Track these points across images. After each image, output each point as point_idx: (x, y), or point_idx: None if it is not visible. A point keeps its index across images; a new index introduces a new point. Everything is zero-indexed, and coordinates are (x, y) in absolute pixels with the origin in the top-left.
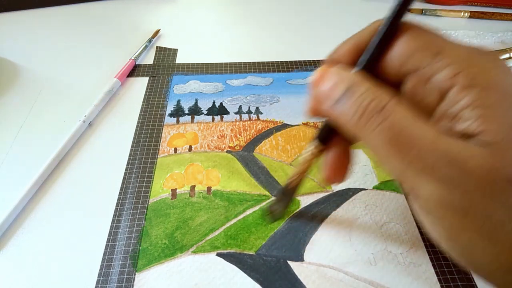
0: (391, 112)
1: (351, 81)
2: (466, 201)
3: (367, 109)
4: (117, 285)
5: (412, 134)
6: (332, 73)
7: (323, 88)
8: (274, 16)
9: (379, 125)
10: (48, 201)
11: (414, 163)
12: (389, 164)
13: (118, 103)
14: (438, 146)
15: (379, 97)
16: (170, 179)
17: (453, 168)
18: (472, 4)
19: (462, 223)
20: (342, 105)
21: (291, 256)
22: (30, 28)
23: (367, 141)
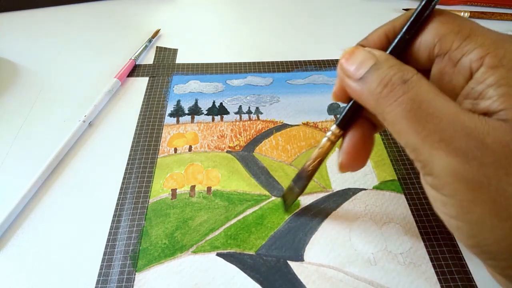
0: (415, 83)
1: (378, 58)
2: (481, 174)
3: (391, 81)
4: (117, 285)
5: (432, 106)
6: (361, 51)
7: (351, 64)
8: (274, 16)
9: (400, 97)
10: (48, 201)
11: (431, 135)
12: (405, 137)
13: (118, 103)
14: (457, 118)
15: (404, 71)
16: (170, 179)
17: (471, 140)
18: (472, 4)
19: (474, 197)
20: (367, 79)
21: (291, 256)
22: (30, 28)
23: (386, 114)
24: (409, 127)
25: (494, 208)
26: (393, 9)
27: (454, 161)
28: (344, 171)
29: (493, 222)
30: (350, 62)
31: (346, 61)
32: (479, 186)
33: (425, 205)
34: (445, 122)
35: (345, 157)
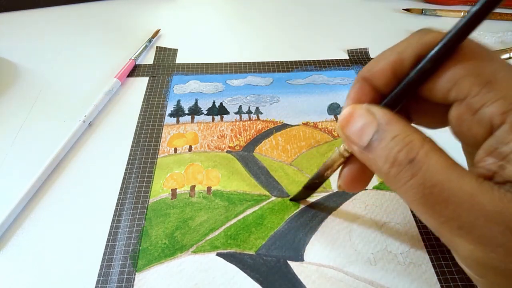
0: (422, 163)
1: (380, 123)
2: (509, 262)
3: (397, 159)
4: (117, 285)
5: (446, 189)
6: (360, 114)
7: (352, 130)
8: (274, 16)
9: (410, 180)
10: (48, 201)
11: (450, 222)
12: (424, 219)
13: (118, 103)
14: (477, 200)
15: (410, 144)
16: (170, 179)
17: (494, 226)
18: (472, 4)
19: (505, 282)
20: (372, 151)
21: (291, 256)
22: (30, 28)
23: (398, 194)
24: (425, 211)
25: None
26: (393, 9)
27: (477, 250)
28: (341, 190)
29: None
30: (350, 128)
31: (346, 128)
32: (508, 273)
33: None
34: (463, 207)
35: (343, 182)
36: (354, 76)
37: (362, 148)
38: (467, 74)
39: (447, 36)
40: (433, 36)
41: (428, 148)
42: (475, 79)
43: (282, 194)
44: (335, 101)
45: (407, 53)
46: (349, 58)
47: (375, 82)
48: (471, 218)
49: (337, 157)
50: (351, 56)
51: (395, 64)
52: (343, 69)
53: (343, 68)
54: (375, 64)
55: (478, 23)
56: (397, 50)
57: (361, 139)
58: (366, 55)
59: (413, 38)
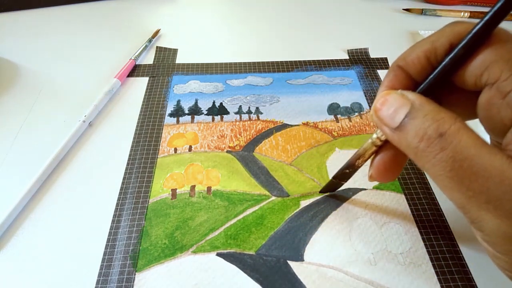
0: (453, 138)
1: (413, 104)
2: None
3: (426, 134)
4: (117, 285)
5: (476, 164)
6: (394, 97)
7: (385, 112)
8: (274, 16)
9: (439, 153)
10: (48, 201)
11: (478, 196)
12: (450, 194)
13: (118, 103)
14: (505, 177)
15: (440, 120)
16: (170, 179)
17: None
18: (472, 4)
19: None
20: (403, 129)
21: (291, 256)
22: (30, 28)
23: (426, 170)
24: (452, 186)
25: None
26: (393, 9)
27: (504, 224)
28: (373, 181)
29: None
30: (384, 109)
31: (380, 109)
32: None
33: (425, 205)
34: (492, 181)
35: (375, 171)
36: (354, 76)
37: (394, 128)
38: (498, 59)
39: (480, 22)
40: (465, 26)
41: (459, 125)
42: (505, 63)
43: (282, 194)
44: (335, 101)
45: (440, 42)
46: (349, 58)
47: (409, 70)
48: (499, 193)
49: (369, 146)
50: (351, 56)
51: (429, 52)
52: (343, 69)
53: (343, 68)
54: (410, 53)
55: (510, 10)
56: (430, 39)
57: (394, 120)
58: (366, 55)
59: (446, 28)
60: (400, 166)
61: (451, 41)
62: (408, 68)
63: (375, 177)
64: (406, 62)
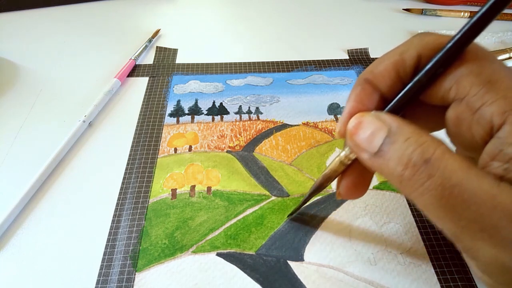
0: (439, 163)
1: (390, 128)
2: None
3: (411, 160)
4: (117, 285)
5: (466, 190)
6: (369, 120)
7: (361, 137)
8: (274, 16)
9: (426, 181)
10: (48, 201)
11: (471, 225)
12: (442, 224)
13: (118, 103)
14: (497, 202)
15: (424, 145)
16: (170, 179)
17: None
18: (472, 4)
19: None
20: (384, 155)
21: (291, 256)
22: (30, 28)
23: (414, 199)
24: (443, 215)
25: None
26: (393, 9)
27: (501, 254)
28: (340, 199)
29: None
30: (360, 134)
31: (355, 133)
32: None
33: None
34: (484, 208)
35: (344, 190)
36: (354, 76)
37: (373, 154)
38: (468, 73)
39: (454, 38)
40: (434, 38)
41: (443, 148)
42: (475, 78)
43: (282, 194)
44: (335, 101)
45: (408, 54)
46: (349, 58)
47: (377, 84)
48: (493, 220)
49: (338, 166)
50: (351, 56)
51: (397, 65)
52: (343, 69)
53: (343, 68)
54: (377, 65)
55: (486, 25)
56: (398, 51)
57: (372, 144)
58: (366, 55)
59: (414, 40)
60: (368, 182)
61: (420, 52)
62: (376, 81)
63: (343, 195)
64: (374, 75)
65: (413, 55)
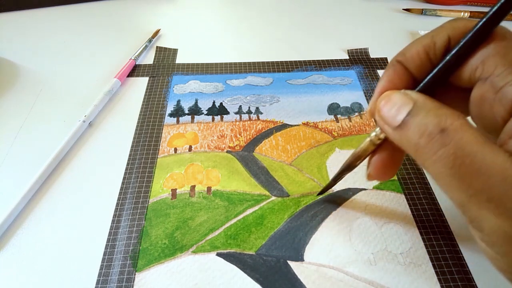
0: (454, 134)
1: (415, 103)
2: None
3: (427, 129)
4: (117, 285)
5: (478, 161)
6: (397, 96)
7: (387, 111)
8: (274, 16)
9: (440, 149)
10: (48, 201)
11: (479, 194)
12: (450, 193)
13: (118, 103)
14: (507, 175)
15: (442, 116)
16: (170, 179)
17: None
18: (472, 4)
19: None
20: (405, 126)
21: (291, 256)
22: (30, 28)
23: (426, 167)
24: (453, 184)
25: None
26: (393, 9)
27: (505, 224)
28: (371, 180)
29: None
30: (387, 108)
31: (383, 108)
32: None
33: (425, 205)
34: (494, 180)
35: (374, 170)
36: (354, 76)
37: (395, 126)
38: (494, 53)
39: (481, 20)
40: (465, 23)
41: (461, 122)
42: (500, 59)
43: (282, 194)
44: (335, 101)
45: (439, 37)
46: (349, 58)
47: (408, 66)
48: (501, 191)
49: (368, 145)
50: (351, 56)
51: (428, 47)
52: (343, 69)
53: (343, 68)
54: (409, 48)
55: (510, 9)
56: (430, 35)
57: (396, 118)
58: (366, 55)
59: (447, 24)
60: (398, 163)
61: (450, 36)
62: (407, 63)
63: (373, 176)
64: (406, 58)
65: (444, 38)
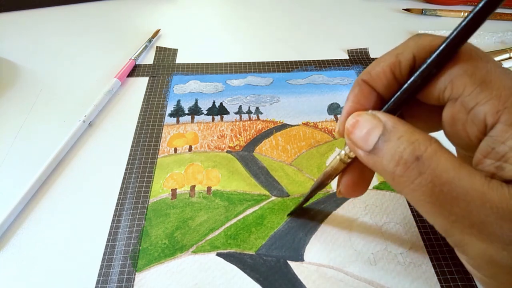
0: (430, 161)
1: (385, 126)
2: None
3: (403, 157)
4: (117, 285)
5: (456, 188)
6: (365, 119)
7: (357, 135)
8: (274, 16)
9: (417, 178)
10: (48, 201)
11: (461, 220)
12: (432, 220)
13: (118, 103)
14: (486, 199)
15: (415, 142)
16: (170, 179)
17: (505, 223)
18: (472, 4)
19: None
20: (378, 153)
21: (291, 256)
22: (30, 28)
23: (405, 194)
24: (434, 211)
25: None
26: (393, 9)
27: (489, 248)
28: (341, 196)
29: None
30: (356, 132)
31: (352, 132)
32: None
33: None
34: (473, 205)
35: (344, 187)
36: (354, 76)
37: (368, 151)
38: (462, 73)
39: (447, 39)
40: (430, 39)
41: (435, 147)
42: (469, 78)
43: (282, 194)
44: (335, 101)
45: (404, 55)
46: (349, 58)
47: (374, 85)
48: (482, 216)
49: (339, 164)
50: (351, 56)
51: (393, 66)
52: (343, 69)
53: (343, 68)
54: (374, 67)
55: (478, 26)
56: (394, 53)
57: (367, 142)
58: (366, 55)
59: (410, 41)
60: (369, 181)
61: (415, 54)
62: (373, 82)
63: (344, 194)
64: (371, 77)
65: (409, 57)
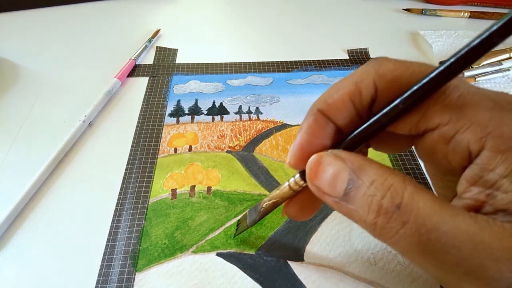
0: (411, 209)
1: (352, 169)
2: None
3: (382, 207)
4: (117, 285)
5: (444, 234)
6: (328, 161)
7: (323, 181)
8: (274, 16)
9: (401, 229)
10: (48, 201)
11: (455, 268)
12: (425, 269)
13: (118, 103)
14: (479, 240)
15: (391, 187)
16: (170, 179)
17: (503, 265)
18: (472, 4)
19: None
20: (351, 201)
21: (291, 256)
22: (30, 28)
23: (391, 245)
24: (424, 261)
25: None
26: (393, 9)
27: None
28: (285, 216)
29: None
30: (320, 179)
31: (315, 179)
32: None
33: None
34: (465, 250)
35: (291, 212)
36: None
37: (339, 198)
38: (433, 103)
39: (414, 86)
40: (391, 69)
41: (411, 189)
42: (443, 108)
43: None
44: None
45: (364, 84)
46: (349, 58)
47: (331, 116)
48: (477, 261)
49: (287, 191)
50: (351, 56)
51: (353, 95)
52: (343, 69)
53: (343, 68)
54: (331, 95)
55: (456, 73)
56: (353, 80)
57: (336, 189)
58: (366, 55)
59: (370, 68)
60: (318, 206)
61: (377, 84)
62: (331, 113)
63: (290, 216)
64: (328, 106)
65: (369, 86)
